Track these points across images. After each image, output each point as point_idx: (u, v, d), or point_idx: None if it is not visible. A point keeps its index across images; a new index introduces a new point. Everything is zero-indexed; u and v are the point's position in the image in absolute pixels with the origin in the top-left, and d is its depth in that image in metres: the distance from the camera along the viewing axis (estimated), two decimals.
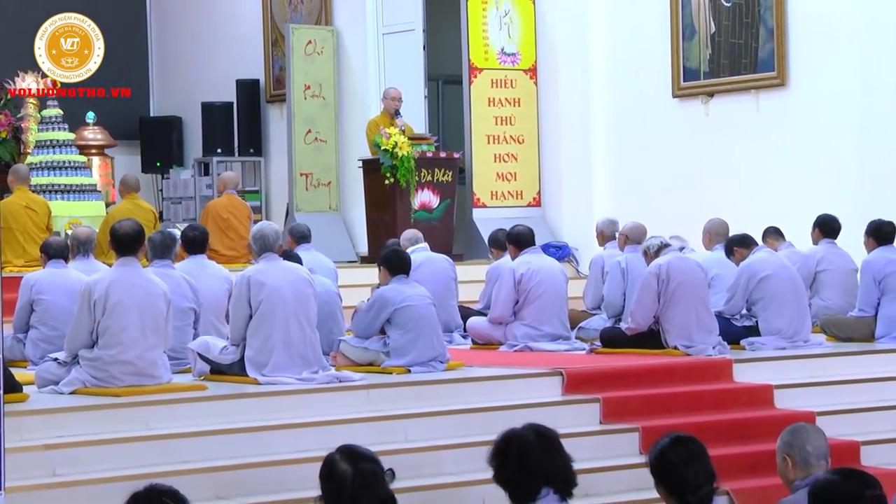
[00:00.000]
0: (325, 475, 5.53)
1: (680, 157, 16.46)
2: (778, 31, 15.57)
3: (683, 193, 16.08)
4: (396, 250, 11.62)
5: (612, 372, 10.69)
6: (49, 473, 8.22)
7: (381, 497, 5.45)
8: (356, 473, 5.45)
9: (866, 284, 12.27)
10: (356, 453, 5.57)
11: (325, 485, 5.51)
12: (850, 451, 9.70)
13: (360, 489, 5.42)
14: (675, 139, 16.56)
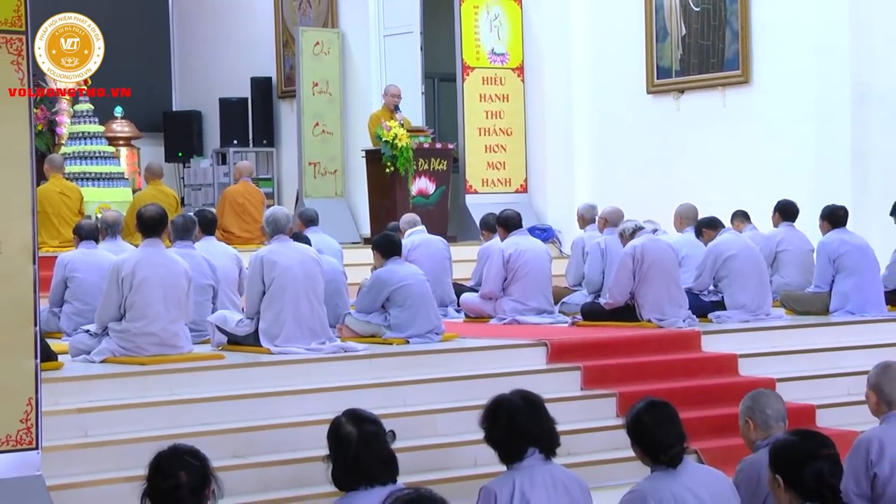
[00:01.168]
0: (332, 436, 5.53)
1: (653, 148, 16.46)
2: (742, 33, 15.56)
3: (656, 181, 16.08)
4: (388, 235, 11.61)
5: (591, 343, 10.70)
6: (82, 434, 8.24)
7: (383, 456, 5.45)
8: (360, 434, 5.45)
9: (822, 263, 12.29)
10: (360, 416, 5.56)
11: (332, 445, 5.51)
12: (806, 413, 9.73)
13: (364, 449, 5.42)
14: (649, 132, 16.55)
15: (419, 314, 10.57)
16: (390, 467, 5.45)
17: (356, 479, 5.39)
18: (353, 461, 5.41)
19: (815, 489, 4.96)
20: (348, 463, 5.43)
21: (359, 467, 5.39)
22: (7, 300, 6.71)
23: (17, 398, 6.72)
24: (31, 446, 6.76)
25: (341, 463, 5.45)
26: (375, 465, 5.40)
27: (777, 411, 6.39)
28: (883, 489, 6.45)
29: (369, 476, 5.36)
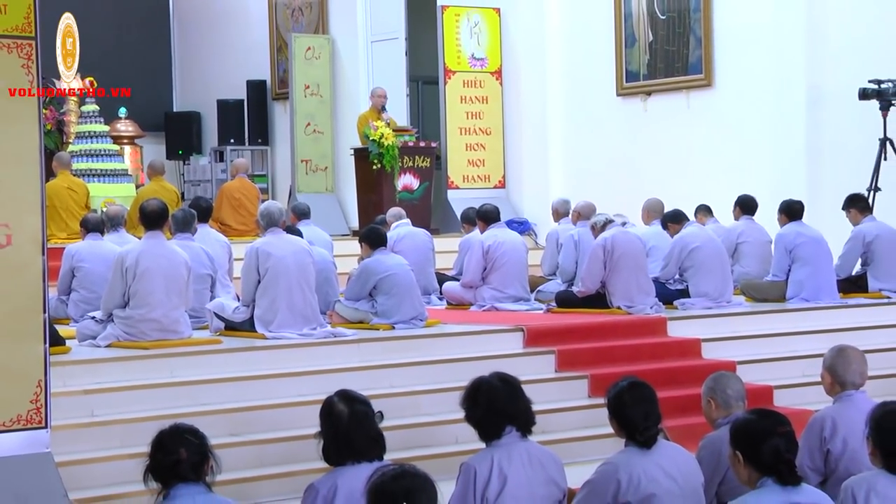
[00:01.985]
0: (324, 414, 5.52)
1: (623, 147, 16.48)
2: (705, 40, 15.59)
3: (626, 177, 16.10)
4: (374, 228, 11.60)
5: (565, 328, 10.70)
6: (88, 414, 8.22)
7: (371, 435, 5.45)
8: (351, 414, 5.45)
9: (779, 254, 12.31)
10: (351, 397, 5.56)
11: (324, 422, 5.51)
12: (764, 394, 9.73)
13: (354, 427, 5.42)
14: (619, 131, 16.58)
15: (404, 302, 10.58)
16: (377, 445, 5.46)
17: (345, 455, 5.40)
18: (343, 438, 5.42)
19: (772, 464, 4.98)
20: (338, 440, 5.43)
21: (348, 444, 5.40)
22: (18, 288, 6.71)
23: (27, 380, 6.71)
24: (41, 425, 6.75)
25: (332, 439, 5.46)
26: (364, 442, 5.41)
27: (737, 392, 6.41)
28: (835, 464, 6.48)
29: (357, 453, 5.37)
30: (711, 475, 6.02)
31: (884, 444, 5.14)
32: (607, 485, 5.63)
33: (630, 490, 5.59)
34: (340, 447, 5.42)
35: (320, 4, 19.62)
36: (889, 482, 5.08)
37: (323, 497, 5.32)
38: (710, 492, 5.99)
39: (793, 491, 4.92)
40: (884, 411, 5.23)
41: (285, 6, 20.16)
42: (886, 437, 5.14)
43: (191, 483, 4.94)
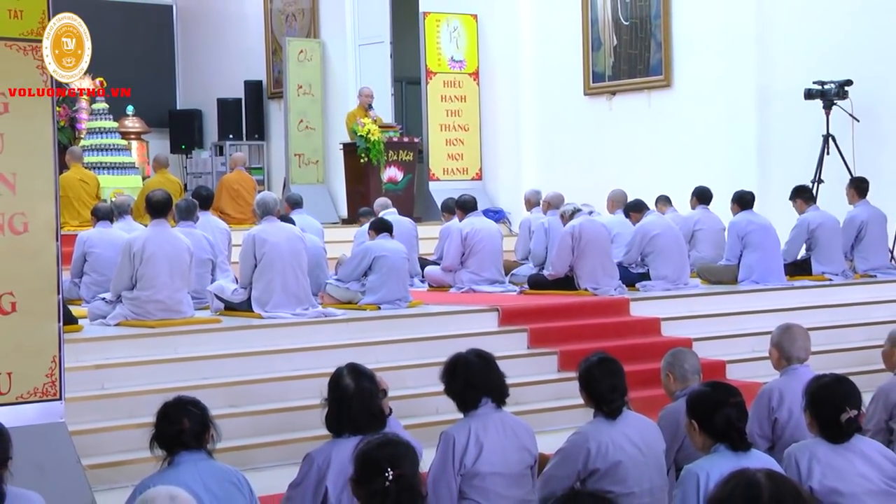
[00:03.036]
0: (332, 384, 5.45)
1: (589, 142, 16.49)
2: (665, 44, 15.60)
3: (592, 170, 16.11)
4: (381, 218, 11.71)
5: (536, 308, 10.72)
6: (99, 387, 8.22)
7: (372, 411, 5.40)
8: (356, 388, 5.40)
9: (732, 240, 12.34)
10: (360, 371, 5.49)
11: (330, 392, 5.44)
12: (718, 368, 9.79)
13: (358, 402, 5.37)
14: (586, 128, 16.58)
15: (390, 281, 10.59)
16: (377, 421, 5.39)
17: (345, 426, 5.36)
18: (345, 411, 5.38)
19: (725, 432, 4.99)
20: (341, 411, 5.39)
21: (349, 417, 5.36)
22: (34, 272, 6.70)
23: (43, 356, 6.70)
24: (56, 397, 6.75)
25: (335, 410, 5.41)
26: (364, 417, 5.36)
27: (693, 366, 6.43)
28: (782, 432, 6.51)
29: (357, 426, 5.32)
30: (670, 442, 6.04)
31: (819, 415, 5.16)
32: (578, 453, 5.65)
33: (599, 457, 5.60)
34: (342, 419, 5.38)
35: (312, 10, 19.60)
36: (827, 449, 5.10)
37: (318, 467, 5.30)
38: (669, 457, 6.01)
39: (743, 456, 4.94)
40: (818, 385, 5.24)
41: (280, 12, 20.13)
42: (821, 408, 5.15)
43: (193, 450, 4.93)
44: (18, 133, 6.63)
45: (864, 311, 11.52)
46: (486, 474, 5.62)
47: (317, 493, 5.25)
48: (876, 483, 5.07)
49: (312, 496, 5.27)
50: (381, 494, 4.01)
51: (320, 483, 5.25)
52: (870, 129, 13.61)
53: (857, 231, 12.63)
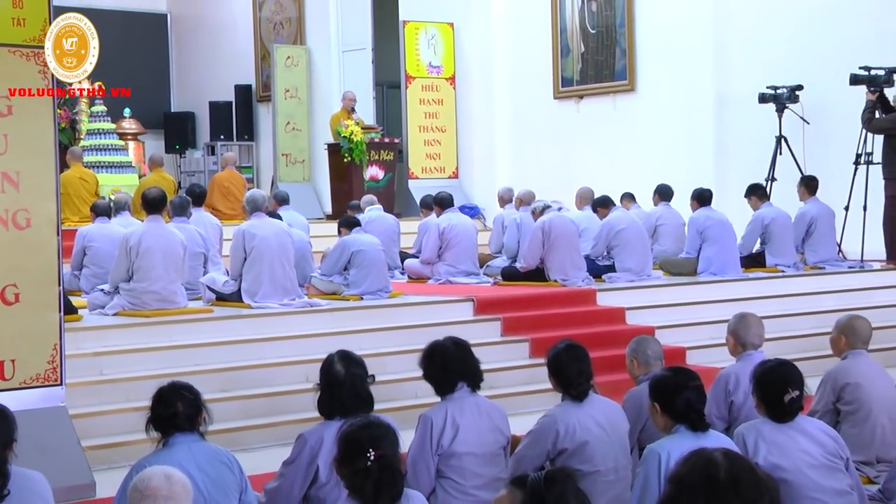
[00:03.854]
0: (324, 370, 5.46)
1: (559, 143, 16.52)
2: (629, 51, 15.64)
3: (561, 169, 16.14)
4: (348, 216, 11.70)
5: (509, 298, 10.72)
6: (97, 373, 8.19)
7: (362, 396, 5.41)
8: (346, 374, 5.40)
9: (691, 234, 12.36)
10: (350, 358, 5.50)
11: (322, 377, 5.45)
12: (678, 354, 9.79)
13: (349, 387, 5.38)
14: (555, 130, 16.61)
15: (371, 274, 10.57)
16: (366, 405, 5.40)
17: (336, 410, 5.37)
18: (336, 395, 5.39)
19: (685, 413, 5.01)
20: (332, 396, 5.40)
21: (340, 401, 5.37)
22: (36, 265, 6.68)
23: (45, 344, 6.69)
24: (57, 383, 6.73)
25: (327, 395, 5.42)
26: (354, 402, 5.37)
27: (655, 352, 6.46)
28: (738, 413, 6.55)
29: (347, 410, 5.33)
30: (634, 423, 6.06)
31: (765, 397, 5.20)
32: (547, 434, 5.66)
33: (567, 438, 5.61)
34: (333, 403, 5.39)
35: (298, 19, 19.58)
36: (773, 428, 5.14)
37: (311, 447, 5.32)
38: (632, 437, 6.04)
39: (702, 436, 4.96)
40: (763, 369, 5.28)
41: (268, 20, 20.09)
42: (766, 390, 5.20)
43: (186, 432, 4.93)
44: (21, 134, 6.61)
45: (813, 300, 11.56)
46: (462, 454, 5.63)
47: (308, 471, 5.28)
48: (818, 458, 5.11)
49: (304, 473, 5.29)
50: (363, 473, 4.01)
51: (312, 461, 5.28)
52: (819, 131, 13.67)
53: (808, 226, 12.68)
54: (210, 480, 4.82)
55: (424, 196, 13.99)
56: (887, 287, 12.08)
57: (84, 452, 6.82)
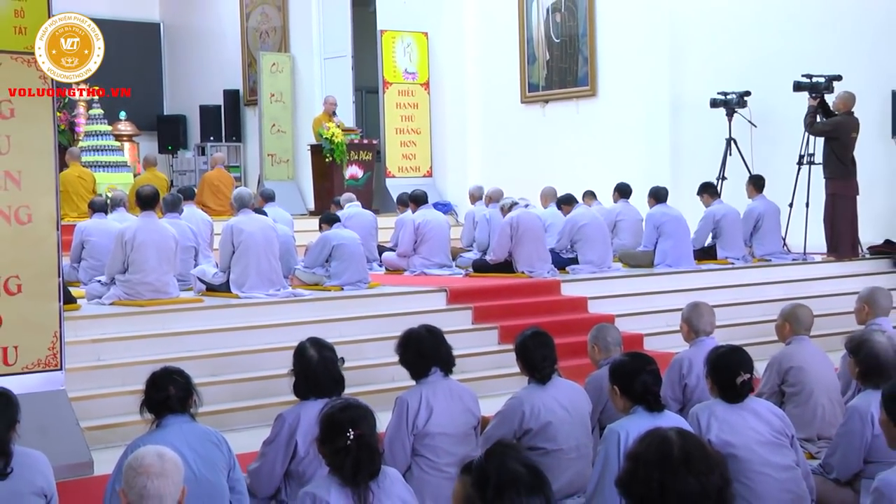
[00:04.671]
0: (297, 356, 5.46)
1: (526, 144, 16.53)
2: (591, 59, 15.66)
3: (528, 168, 16.15)
4: (328, 212, 11.70)
5: (480, 289, 10.73)
6: (95, 359, 8.17)
7: (334, 377, 5.41)
8: (319, 358, 5.40)
9: (649, 230, 12.41)
10: (321, 344, 5.50)
11: (296, 363, 5.45)
12: (636, 340, 9.84)
13: (321, 369, 5.39)
14: (522, 132, 16.63)
15: (351, 266, 10.56)
16: (339, 385, 5.42)
17: (311, 391, 5.37)
18: (311, 378, 5.38)
19: (642, 395, 5.02)
20: (307, 379, 5.40)
21: (315, 383, 5.37)
22: (37, 258, 6.65)
23: (45, 331, 6.66)
24: (57, 368, 6.71)
25: (301, 378, 5.42)
26: (327, 383, 5.38)
27: (615, 339, 6.47)
28: (691, 394, 6.57)
29: (321, 390, 5.33)
30: (595, 404, 6.07)
31: (718, 380, 5.22)
32: (514, 414, 5.67)
33: (532, 418, 5.63)
34: (308, 385, 5.39)
35: (283, 28, 19.52)
36: (724, 408, 5.17)
37: (289, 425, 5.31)
38: (593, 418, 6.05)
39: (657, 416, 4.97)
40: (716, 354, 5.30)
41: (255, 29, 20.03)
42: (719, 373, 5.22)
43: (178, 414, 4.91)
44: (23, 135, 6.59)
45: (760, 290, 11.63)
46: (436, 434, 5.63)
47: (288, 447, 5.29)
48: (765, 436, 5.14)
49: (285, 449, 5.29)
50: (343, 452, 4.01)
51: (291, 438, 5.28)
52: (766, 134, 13.74)
53: (755, 222, 12.74)
54: (200, 459, 4.81)
55: (401, 193, 13.98)
56: (827, 278, 12.16)
57: (82, 433, 6.80)
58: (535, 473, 3.00)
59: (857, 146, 12.57)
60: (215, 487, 4.83)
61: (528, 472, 2.99)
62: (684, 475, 3.10)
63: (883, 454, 5.16)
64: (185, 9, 21.34)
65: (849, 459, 5.55)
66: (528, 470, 3.00)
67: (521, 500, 2.94)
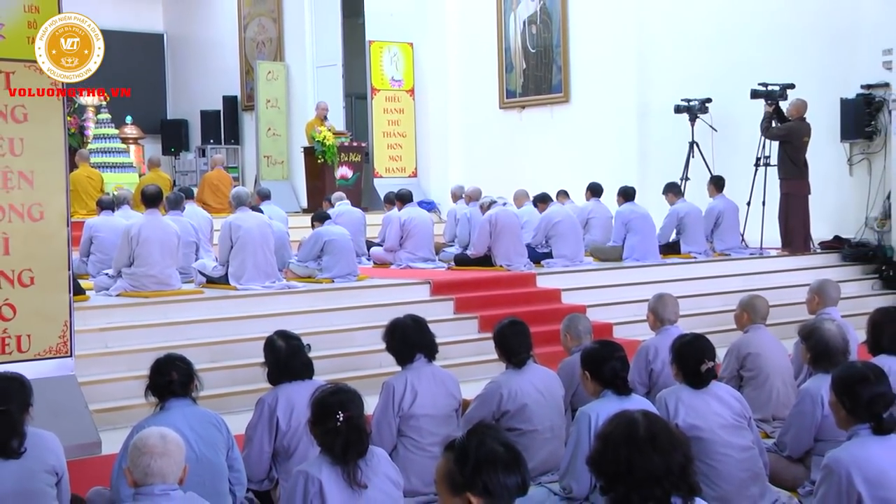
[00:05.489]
0: (267, 348, 5.50)
1: (504, 147, 16.54)
2: (564, 68, 15.67)
3: (506, 169, 16.17)
4: (319, 211, 11.69)
5: (461, 281, 10.73)
6: (103, 346, 8.15)
7: (303, 361, 5.45)
8: (287, 347, 5.44)
9: (618, 226, 12.42)
10: (287, 334, 5.54)
11: (267, 354, 5.49)
12: (606, 329, 9.84)
13: (290, 357, 5.42)
14: (501, 136, 16.64)
15: (341, 260, 10.56)
16: (308, 369, 5.48)
17: (284, 376, 5.41)
18: (282, 365, 5.42)
19: (611, 379, 5.04)
20: (279, 366, 5.44)
21: (286, 368, 5.42)
22: (49, 252, 6.63)
23: (56, 321, 6.64)
24: (67, 354, 6.69)
25: (273, 366, 5.46)
26: (297, 367, 5.42)
27: (586, 327, 6.49)
28: (657, 379, 6.60)
29: (293, 374, 5.40)
30: (567, 388, 6.09)
31: (683, 367, 5.23)
32: (493, 397, 5.68)
33: (509, 401, 5.64)
34: (280, 371, 5.43)
35: (278, 39, 19.49)
36: (690, 393, 5.18)
37: (269, 405, 5.36)
38: (566, 401, 6.07)
39: (625, 399, 4.99)
40: (681, 342, 5.30)
41: (252, 40, 19.99)
42: (684, 361, 5.22)
43: (180, 398, 4.91)
44: (36, 138, 6.57)
45: (720, 282, 11.66)
46: (420, 416, 5.64)
47: (271, 424, 5.34)
48: (727, 419, 5.16)
49: (269, 427, 5.34)
50: (333, 432, 4.02)
51: (272, 416, 5.33)
52: (725, 137, 13.78)
53: (716, 219, 12.78)
54: (201, 439, 4.81)
55: (387, 192, 13.95)
56: (782, 271, 12.21)
57: (91, 415, 6.78)
58: (512, 452, 3.01)
59: (809, 149, 12.62)
60: (215, 466, 4.83)
61: (505, 451, 3.01)
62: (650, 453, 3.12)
63: (832, 433, 5.18)
64: (187, 20, 21.28)
65: (801, 438, 5.58)
66: (506, 449, 3.01)
67: (499, 476, 2.95)
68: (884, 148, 13.03)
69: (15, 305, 6.52)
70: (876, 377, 4.16)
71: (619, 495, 3.14)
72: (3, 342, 6.48)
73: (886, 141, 12.98)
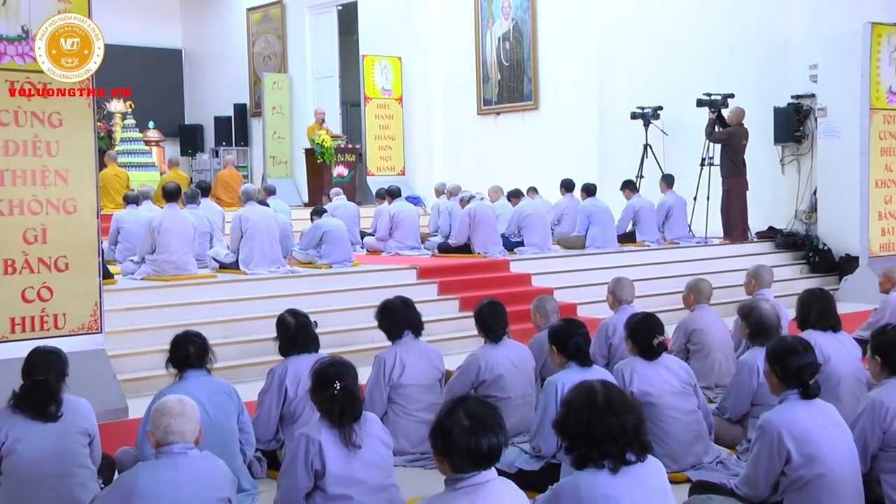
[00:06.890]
0: (279, 324, 5.52)
1: (480, 149, 16.53)
2: (534, 79, 15.67)
3: (482, 169, 16.16)
4: (318, 206, 11.69)
5: (444, 266, 10.72)
6: (129, 324, 8.13)
7: (310, 335, 5.47)
8: (296, 323, 5.46)
9: (581, 218, 12.41)
10: (297, 312, 5.56)
11: (279, 329, 5.50)
12: (571, 309, 9.85)
13: (299, 331, 5.44)
14: (478, 139, 16.63)
15: (338, 248, 10.53)
16: (315, 342, 5.49)
17: (293, 349, 5.43)
18: (292, 339, 5.44)
19: (575, 353, 5.06)
20: (289, 340, 5.45)
21: (295, 342, 5.43)
22: (81, 241, 6.61)
23: (88, 301, 6.62)
24: (98, 331, 6.67)
25: (284, 340, 5.48)
26: (305, 341, 5.43)
27: (553, 307, 6.52)
28: (615, 352, 6.63)
29: (301, 347, 5.41)
30: (537, 361, 6.12)
31: (637, 341, 5.25)
32: (472, 368, 5.71)
33: (486, 371, 5.66)
34: (290, 345, 5.45)
35: (282, 53, 19.42)
36: (643, 364, 5.21)
37: (278, 375, 5.37)
38: (536, 372, 6.10)
39: (587, 370, 5.02)
40: (634, 320, 5.33)
41: (259, 54, 19.92)
42: (638, 336, 5.25)
43: (196, 369, 4.91)
44: (69, 141, 6.54)
45: (670, 267, 11.69)
46: (408, 385, 5.66)
47: (280, 392, 5.37)
48: (675, 386, 5.20)
49: (278, 393, 5.36)
50: (331, 400, 4.03)
51: (281, 384, 5.35)
52: (675, 141, 13.83)
53: (667, 212, 12.80)
54: (215, 406, 4.82)
55: (379, 188, 13.93)
56: (724, 257, 12.26)
57: (119, 384, 6.79)
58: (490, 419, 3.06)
59: (747, 151, 12.67)
60: (227, 429, 4.85)
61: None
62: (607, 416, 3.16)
63: (766, 398, 5.23)
64: (202, 37, 21.18)
65: (739, 403, 5.63)
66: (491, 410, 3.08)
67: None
68: (811, 150, 13.12)
69: (52, 288, 6.50)
70: (804, 349, 4.20)
71: (581, 453, 3.18)
72: (42, 320, 6.46)
73: (813, 144, 13.05)
